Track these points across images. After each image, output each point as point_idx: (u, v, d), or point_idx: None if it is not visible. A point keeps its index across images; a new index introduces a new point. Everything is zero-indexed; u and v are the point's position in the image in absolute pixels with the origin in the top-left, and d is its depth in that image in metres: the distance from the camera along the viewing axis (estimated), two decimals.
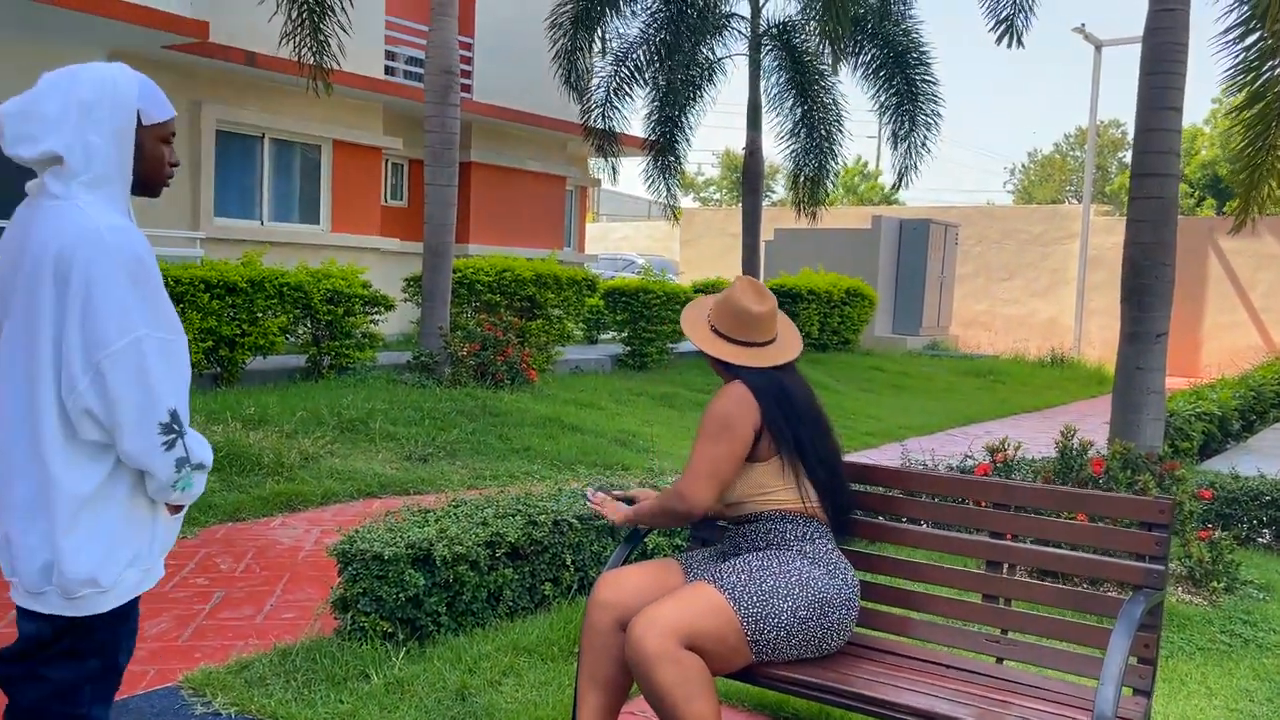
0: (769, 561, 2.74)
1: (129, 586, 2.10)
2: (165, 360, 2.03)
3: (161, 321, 2.03)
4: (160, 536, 2.17)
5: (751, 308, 2.90)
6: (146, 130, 2.15)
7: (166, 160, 2.20)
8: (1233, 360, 18.61)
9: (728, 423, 2.76)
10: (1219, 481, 6.09)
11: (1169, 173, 4.99)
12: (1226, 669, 3.97)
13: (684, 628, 2.55)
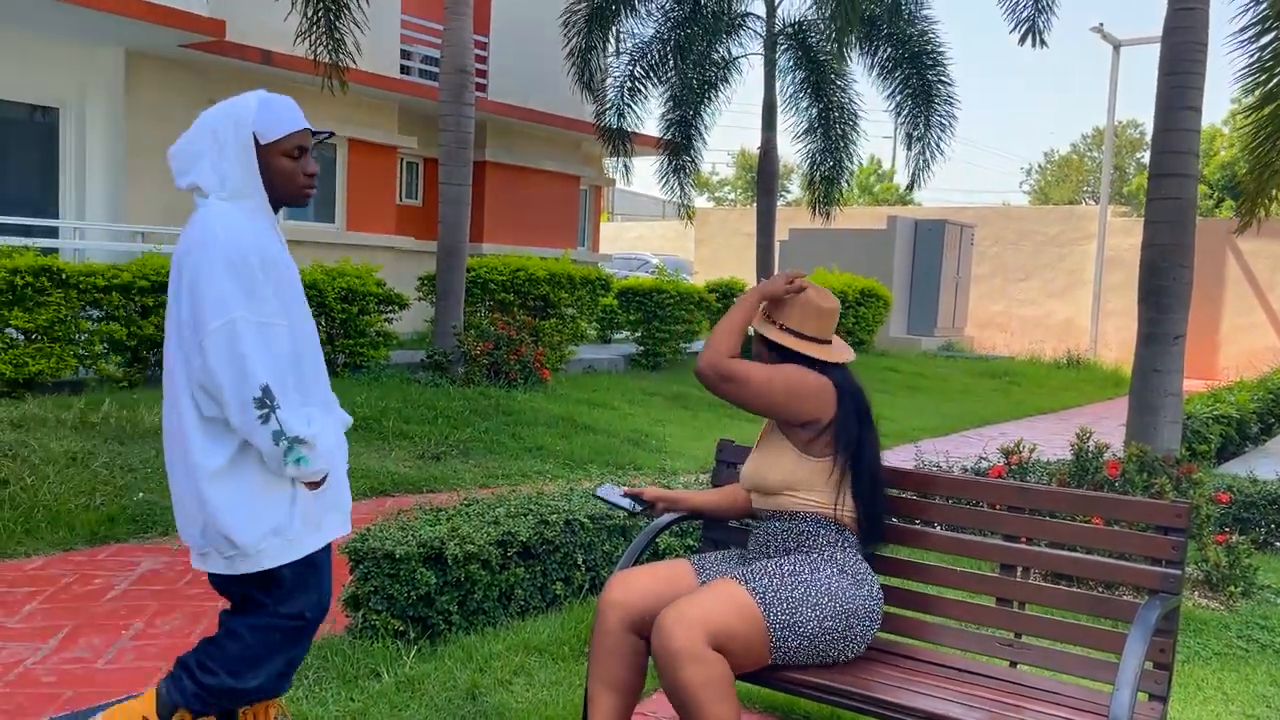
0: (800, 568, 2.72)
1: (273, 554, 2.37)
2: (261, 341, 2.27)
3: (261, 306, 2.28)
4: (304, 511, 2.41)
5: (830, 305, 2.92)
6: (266, 149, 2.38)
7: (298, 171, 2.43)
8: (1251, 362, 18.46)
9: (803, 390, 2.74)
10: (1236, 485, 6.03)
11: (1187, 173, 4.94)
12: (1243, 674, 3.93)
13: (713, 628, 2.53)
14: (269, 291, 2.32)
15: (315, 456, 2.33)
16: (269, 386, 2.27)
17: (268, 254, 2.35)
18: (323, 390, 2.50)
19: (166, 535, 5.09)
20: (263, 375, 2.27)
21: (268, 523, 2.37)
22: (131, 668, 3.52)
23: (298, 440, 2.29)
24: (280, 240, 2.46)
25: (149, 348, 7.87)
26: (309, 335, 2.46)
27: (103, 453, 5.81)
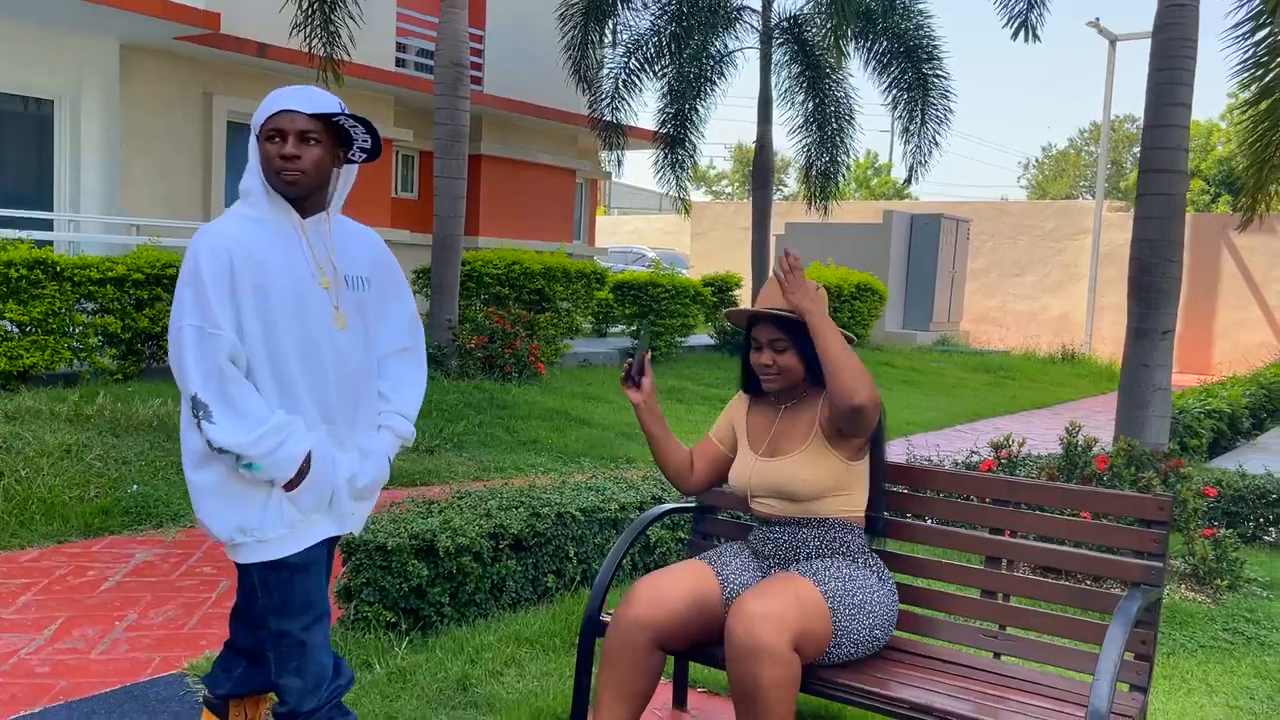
0: (858, 573, 2.73)
1: (247, 552, 2.39)
2: (201, 350, 2.29)
3: (209, 314, 2.29)
4: (276, 512, 2.38)
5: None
6: (259, 139, 2.41)
7: (274, 155, 2.39)
8: (1244, 358, 18.52)
9: None
10: (1226, 479, 6.07)
11: (1177, 169, 4.97)
12: (1228, 666, 3.97)
13: (797, 628, 2.51)
14: (226, 298, 2.31)
15: (269, 463, 2.30)
16: (197, 396, 2.29)
17: (255, 258, 2.34)
18: (325, 401, 2.44)
19: (160, 527, 5.11)
20: (194, 385, 2.29)
21: (235, 519, 2.38)
22: (125, 658, 3.55)
23: (221, 450, 2.29)
24: (294, 247, 2.41)
25: (143, 341, 7.88)
26: (309, 348, 2.40)
27: (97, 445, 5.83)
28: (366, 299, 2.55)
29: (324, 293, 2.43)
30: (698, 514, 3.40)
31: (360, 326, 2.51)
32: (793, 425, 2.89)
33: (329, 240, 2.49)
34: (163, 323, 7.80)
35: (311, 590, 2.46)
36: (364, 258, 2.58)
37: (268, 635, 2.47)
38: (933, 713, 2.47)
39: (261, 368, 2.37)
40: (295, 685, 2.45)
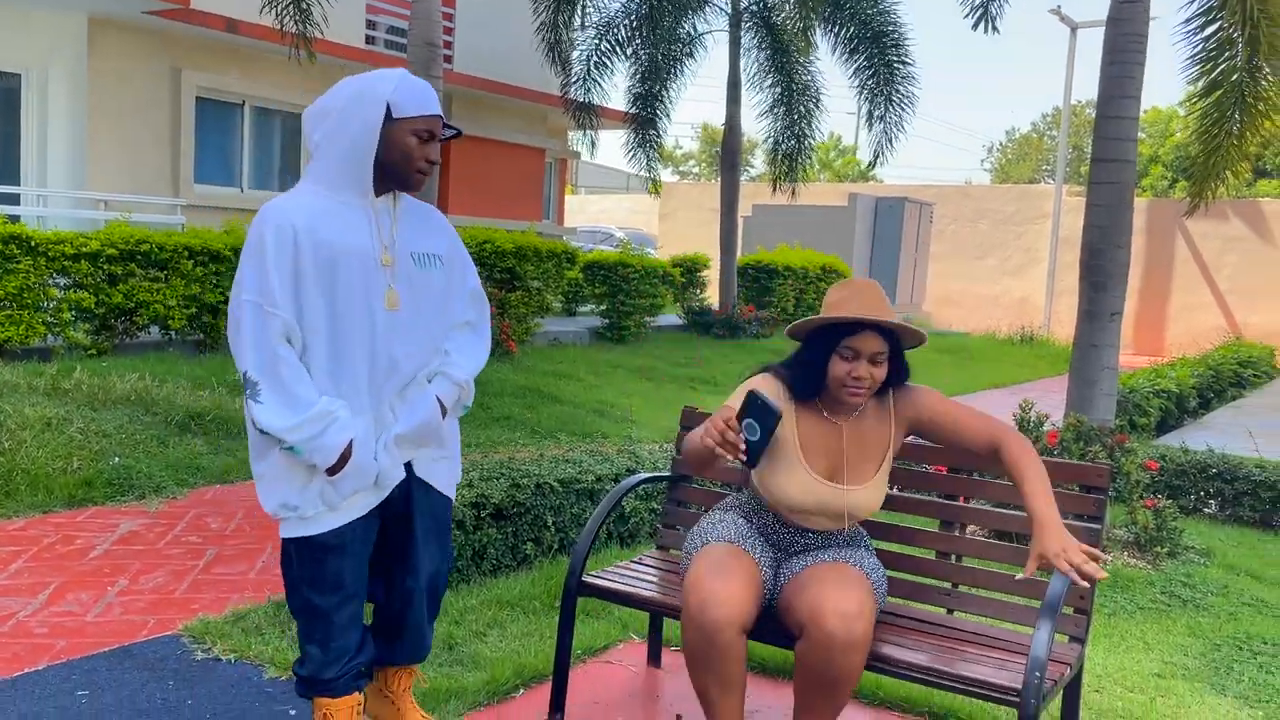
0: (869, 557, 2.88)
1: (288, 527, 2.50)
2: (256, 327, 2.33)
3: (268, 291, 2.34)
4: (315, 493, 2.44)
5: None
6: (397, 122, 2.42)
7: (421, 155, 2.44)
8: (1196, 341, 19.04)
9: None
10: (1169, 455, 6.38)
11: (1126, 159, 5.22)
12: (1164, 626, 4.25)
13: (872, 619, 2.63)
14: (287, 276, 2.35)
15: (309, 449, 2.35)
16: (248, 374, 2.34)
17: (319, 236, 2.38)
18: (372, 379, 2.48)
19: (143, 499, 5.23)
20: (247, 362, 2.34)
21: (279, 496, 2.46)
22: (120, 620, 3.68)
23: (263, 431, 2.35)
24: (359, 221, 2.45)
25: (116, 316, 7.93)
26: (365, 327, 2.44)
27: (77, 418, 5.91)
28: (436, 276, 2.59)
29: (383, 271, 2.47)
30: (671, 483, 3.58)
31: (414, 306, 2.53)
32: (861, 447, 2.84)
33: (395, 219, 2.54)
34: (136, 298, 7.86)
35: (344, 570, 2.52)
36: (433, 235, 2.62)
37: (298, 604, 2.55)
38: (890, 662, 2.68)
39: (320, 346, 2.42)
40: (317, 655, 2.55)
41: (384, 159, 2.45)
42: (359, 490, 2.49)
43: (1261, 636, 4.19)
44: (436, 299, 2.60)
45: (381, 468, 2.51)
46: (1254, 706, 3.54)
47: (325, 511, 2.47)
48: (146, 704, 3.07)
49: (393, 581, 2.70)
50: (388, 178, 2.49)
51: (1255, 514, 6.13)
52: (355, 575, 2.56)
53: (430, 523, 2.69)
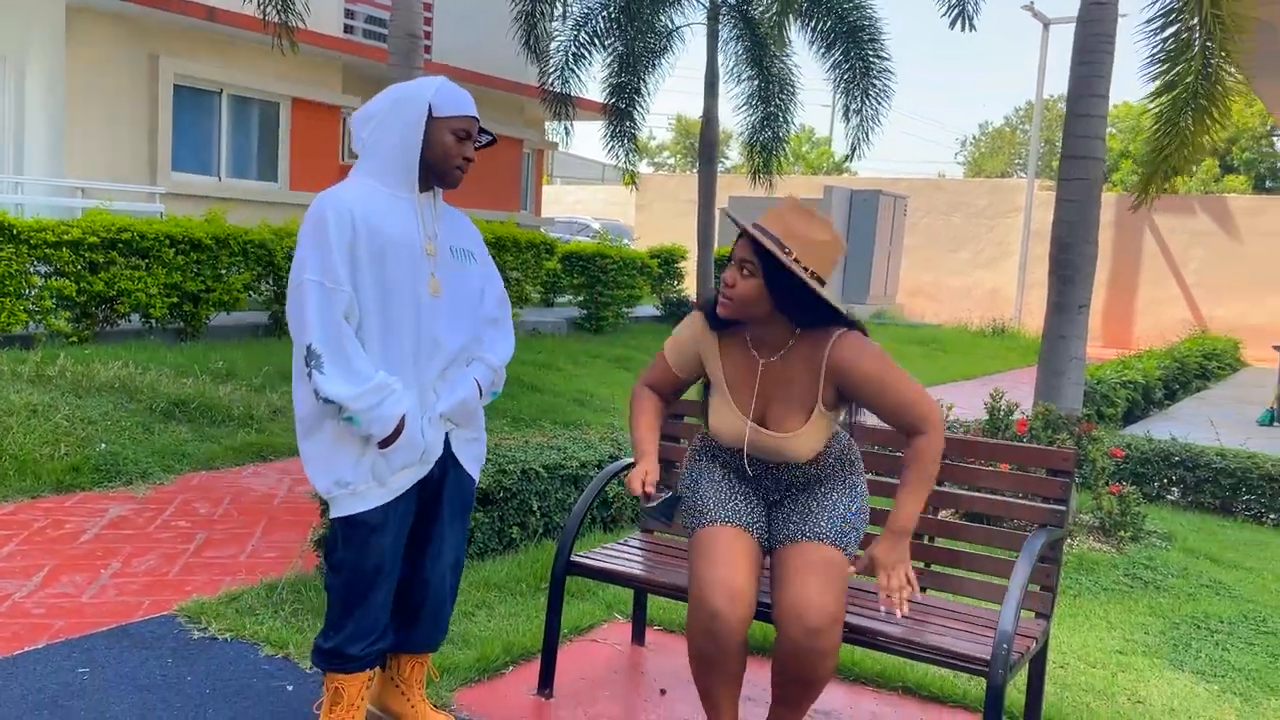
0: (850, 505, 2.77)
1: (342, 504, 2.61)
2: (323, 303, 2.48)
3: (331, 270, 2.49)
4: (367, 468, 2.57)
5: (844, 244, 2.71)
6: (437, 121, 2.60)
7: (458, 152, 2.62)
8: (1163, 334, 19.38)
9: (889, 358, 2.66)
10: (1134, 444, 6.58)
11: (1094, 156, 5.38)
12: (1127, 606, 4.43)
13: (842, 613, 2.62)
14: (346, 258, 2.49)
15: (368, 419, 2.49)
16: (313, 346, 2.48)
17: (372, 224, 2.54)
18: (416, 360, 2.62)
19: (130, 485, 5.29)
20: (311, 335, 2.48)
21: (333, 474, 2.58)
22: (115, 602, 3.76)
23: (327, 400, 2.48)
24: (407, 212, 2.62)
25: (97, 304, 7.94)
26: (411, 311, 2.59)
27: (62, 405, 5.96)
28: (471, 270, 2.77)
29: (427, 260, 2.64)
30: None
31: (452, 295, 2.69)
32: (786, 392, 2.69)
33: (437, 214, 2.73)
34: (117, 286, 7.88)
35: (386, 549, 2.64)
36: (467, 234, 2.82)
37: (340, 582, 2.66)
38: (866, 633, 2.82)
39: (373, 326, 2.56)
40: (349, 630, 2.67)
41: (425, 155, 2.63)
42: (407, 465, 2.64)
43: (1218, 616, 4.38)
44: (473, 290, 2.78)
45: (428, 442, 2.66)
46: (1209, 681, 3.72)
47: (375, 487, 2.60)
48: (147, 680, 3.15)
49: (418, 564, 2.81)
50: (429, 174, 2.67)
51: (1216, 500, 6.34)
52: (394, 555, 2.69)
53: (458, 505, 2.84)
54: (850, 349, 2.62)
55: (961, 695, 3.41)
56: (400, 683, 2.91)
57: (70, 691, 3.05)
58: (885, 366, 2.62)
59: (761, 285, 2.56)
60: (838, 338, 2.63)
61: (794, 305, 2.58)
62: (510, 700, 3.20)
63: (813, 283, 2.54)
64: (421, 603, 2.82)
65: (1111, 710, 3.39)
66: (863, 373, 2.61)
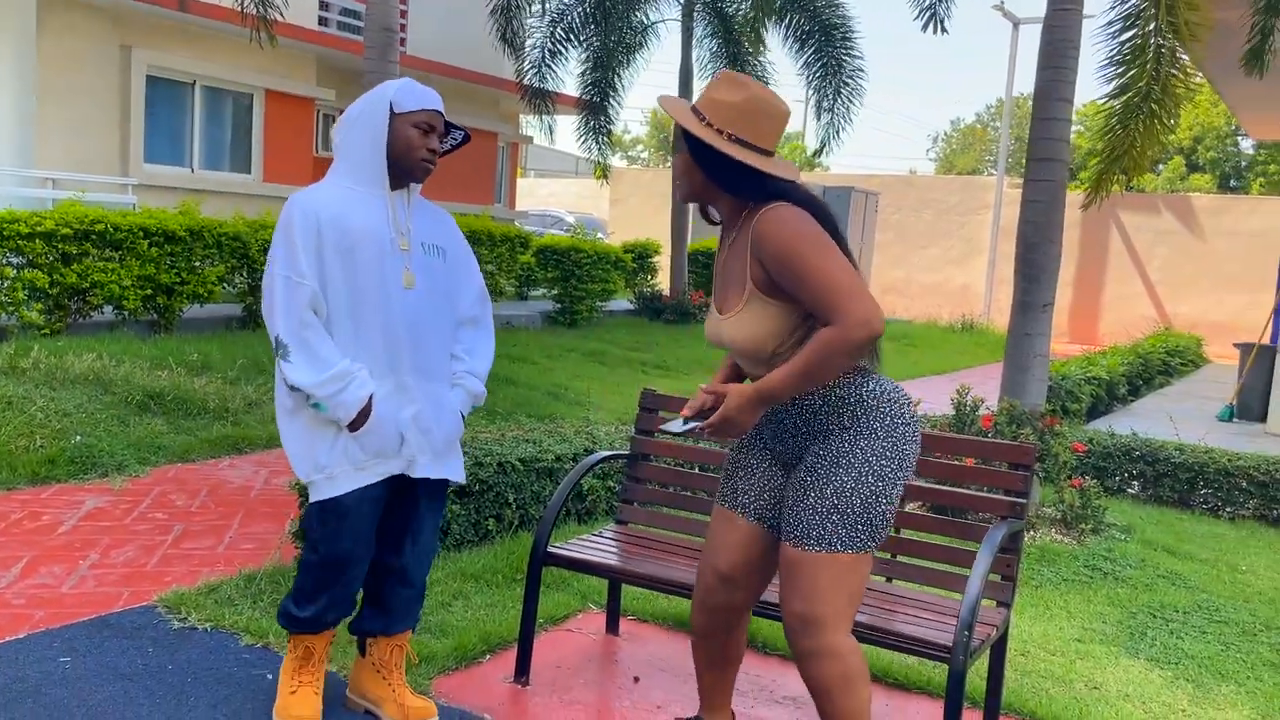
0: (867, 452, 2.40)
1: (320, 489, 2.74)
2: (286, 296, 2.64)
3: (296, 264, 2.65)
4: (342, 451, 2.70)
5: (784, 107, 2.44)
6: (398, 117, 2.72)
7: (421, 145, 2.73)
8: (1128, 330, 19.70)
9: (817, 234, 2.31)
10: (1097, 438, 6.74)
11: (1059, 158, 5.52)
12: (1086, 596, 4.56)
13: (823, 616, 2.41)
14: (312, 255, 2.65)
15: (332, 404, 2.64)
16: (279, 337, 2.65)
17: (341, 223, 2.69)
18: (394, 349, 2.74)
19: (106, 476, 5.30)
20: (279, 327, 2.65)
21: (311, 458, 2.73)
22: (95, 592, 3.80)
23: (293, 387, 2.64)
24: (377, 210, 2.74)
25: (70, 296, 7.92)
26: (383, 303, 2.70)
27: (36, 398, 5.95)
28: (439, 266, 2.88)
29: (400, 254, 2.76)
30: (630, 461, 3.79)
31: (428, 288, 2.82)
32: (730, 273, 2.50)
33: (409, 211, 2.84)
34: (90, 278, 7.86)
35: (361, 531, 2.79)
36: (440, 231, 2.92)
37: (317, 559, 2.80)
38: None
39: (342, 318, 2.71)
40: (324, 602, 2.83)
41: (391, 152, 2.76)
42: (382, 453, 2.76)
43: (1174, 606, 4.53)
44: (445, 286, 2.89)
45: (407, 437, 2.78)
46: (1163, 668, 3.86)
47: (351, 471, 2.73)
48: (128, 669, 3.20)
49: (394, 551, 2.92)
50: (398, 169, 2.78)
51: (1174, 494, 6.52)
52: (368, 538, 2.83)
53: (434, 497, 2.96)
54: (769, 222, 2.34)
55: (926, 682, 3.52)
56: (380, 667, 2.99)
57: (53, 680, 3.09)
58: (803, 245, 2.29)
59: (688, 158, 2.47)
60: (765, 209, 2.37)
61: (720, 173, 2.42)
62: (487, 688, 3.27)
63: (727, 145, 2.37)
64: (397, 588, 2.94)
65: (1069, 696, 3.51)
66: (775, 249, 2.31)
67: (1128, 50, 5.57)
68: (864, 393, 2.43)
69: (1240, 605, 4.64)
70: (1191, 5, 5.64)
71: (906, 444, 2.44)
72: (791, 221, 2.32)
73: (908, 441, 2.45)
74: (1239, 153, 39.24)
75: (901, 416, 2.45)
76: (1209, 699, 3.62)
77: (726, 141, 2.39)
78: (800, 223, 2.32)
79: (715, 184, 2.46)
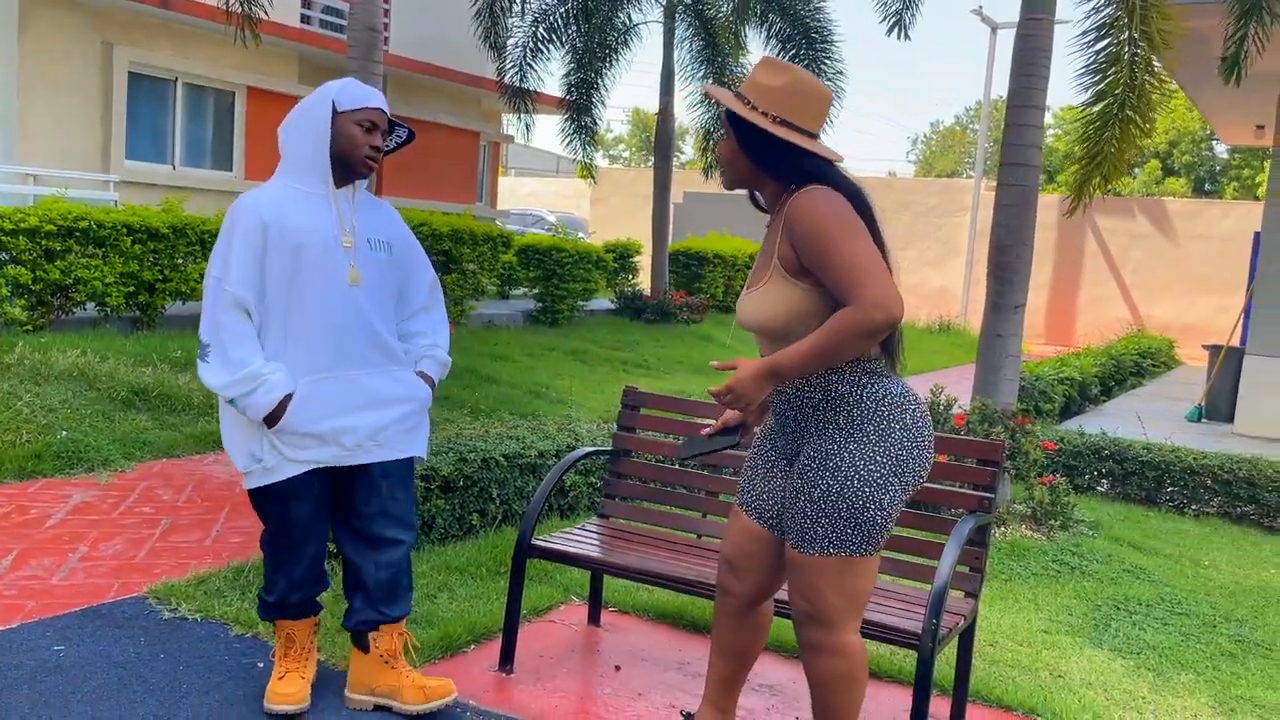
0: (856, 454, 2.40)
1: (254, 478, 2.87)
2: (213, 299, 2.76)
3: (228, 270, 2.75)
4: (269, 444, 2.80)
5: (826, 89, 2.50)
6: (341, 115, 2.79)
7: (364, 142, 2.81)
8: (1103, 332, 19.97)
9: (848, 217, 2.34)
10: (1067, 438, 6.90)
11: (1031, 163, 5.67)
12: (1054, 590, 4.71)
13: (823, 611, 2.45)
14: (249, 257, 2.75)
15: (243, 404, 2.75)
16: (201, 337, 2.78)
17: (284, 223, 2.78)
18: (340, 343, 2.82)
19: (92, 471, 5.35)
20: (202, 329, 2.78)
21: (245, 448, 2.86)
22: (86, 584, 3.86)
23: (207, 386, 2.78)
24: (321, 208, 2.82)
25: (53, 292, 7.93)
26: (328, 300, 2.80)
27: (22, 393, 5.99)
28: (386, 260, 2.96)
29: (345, 251, 2.86)
30: (613, 457, 3.89)
31: (375, 283, 2.91)
32: (763, 254, 2.54)
33: (355, 208, 2.92)
34: (73, 275, 7.88)
35: (306, 514, 2.92)
36: (386, 226, 3.01)
37: (268, 540, 2.96)
38: None
39: (282, 316, 2.80)
40: (283, 584, 2.98)
41: (334, 150, 2.84)
42: (321, 442, 2.84)
43: (1137, 599, 4.67)
44: (392, 280, 2.98)
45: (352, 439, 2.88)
46: (1125, 657, 4.00)
47: (283, 461, 2.84)
48: (121, 657, 3.28)
49: (368, 542, 2.99)
50: (342, 167, 2.87)
51: (1142, 491, 6.69)
52: (315, 517, 2.95)
53: (397, 480, 3.02)
54: (801, 201, 2.37)
55: (898, 671, 3.65)
56: (388, 657, 3.06)
57: (47, 668, 3.16)
58: (831, 225, 2.31)
59: (734, 143, 2.50)
60: (800, 190, 2.40)
61: (763, 155, 2.45)
62: (472, 676, 3.37)
63: (773, 126, 2.40)
64: (375, 575, 3.01)
65: (1034, 684, 3.64)
66: (805, 228, 2.34)
67: (1103, 59, 5.73)
68: (864, 393, 2.42)
69: (1201, 598, 4.79)
70: (1164, 14, 5.80)
71: (903, 449, 2.41)
72: (824, 202, 2.34)
73: (906, 446, 2.42)
74: (1214, 157, 39.76)
75: (901, 420, 2.42)
76: (1168, 687, 3.76)
77: (773, 124, 2.41)
78: (833, 203, 2.34)
79: (758, 167, 2.48)
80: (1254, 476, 6.36)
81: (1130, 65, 5.54)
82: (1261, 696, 3.74)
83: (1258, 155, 34.54)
